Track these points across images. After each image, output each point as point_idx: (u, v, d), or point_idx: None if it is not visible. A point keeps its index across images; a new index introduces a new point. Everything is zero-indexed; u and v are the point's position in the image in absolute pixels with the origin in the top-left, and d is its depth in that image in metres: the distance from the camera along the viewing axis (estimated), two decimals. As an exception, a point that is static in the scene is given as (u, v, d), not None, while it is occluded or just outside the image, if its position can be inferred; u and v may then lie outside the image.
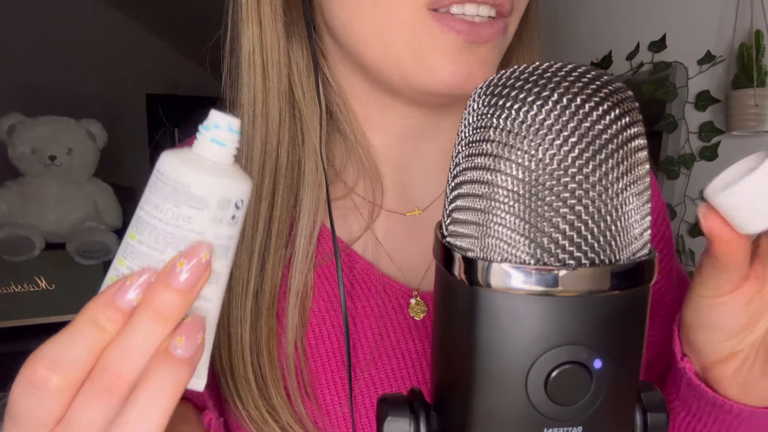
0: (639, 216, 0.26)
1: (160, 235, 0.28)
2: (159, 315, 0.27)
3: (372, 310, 0.48)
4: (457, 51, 0.41)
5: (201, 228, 0.28)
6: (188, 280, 0.27)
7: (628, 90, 0.26)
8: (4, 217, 1.69)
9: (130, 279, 0.28)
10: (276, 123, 0.47)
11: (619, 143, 0.24)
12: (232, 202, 0.29)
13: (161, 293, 0.27)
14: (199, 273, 0.27)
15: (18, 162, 1.72)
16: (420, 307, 0.49)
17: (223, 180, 0.28)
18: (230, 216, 0.29)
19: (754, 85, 1.41)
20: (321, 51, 0.50)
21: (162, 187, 0.28)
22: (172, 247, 0.28)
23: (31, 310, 1.65)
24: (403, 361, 0.48)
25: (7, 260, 1.62)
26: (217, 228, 0.28)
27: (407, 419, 0.28)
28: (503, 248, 0.24)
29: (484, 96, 0.26)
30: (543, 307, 0.24)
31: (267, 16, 0.46)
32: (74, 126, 1.80)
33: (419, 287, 0.50)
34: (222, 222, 0.29)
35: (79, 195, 1.78)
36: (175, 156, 0.28)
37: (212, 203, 0.28)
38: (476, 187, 0.25)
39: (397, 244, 0.51)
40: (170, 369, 0.27)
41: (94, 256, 1.67)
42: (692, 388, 0.41)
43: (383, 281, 0.49)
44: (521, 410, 0.25)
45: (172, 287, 0.27)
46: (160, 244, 0.28)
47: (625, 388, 0.26)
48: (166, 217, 0.28)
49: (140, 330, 0.27)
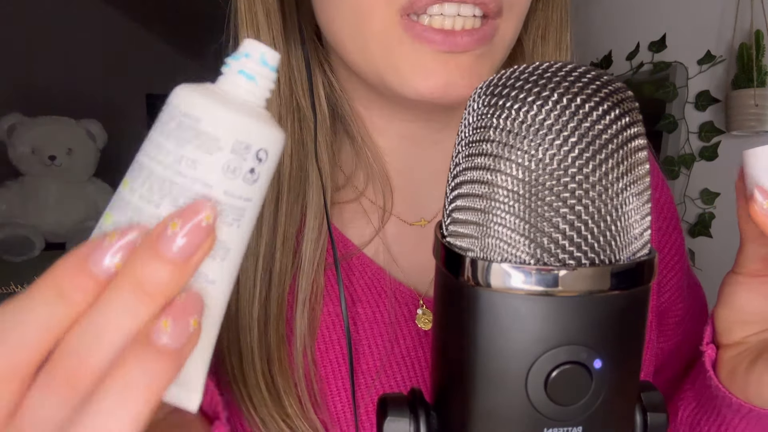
0: (639, 216, 0.26)
1: (156, 183, 0.22)
2: (142, 289, 0.21)
3: (382, 316, 0.47)
4: (431, 62, 0.39)
5: (208, 178, 0.22)
6: (182, 248, 0.21)
7: (628, 90, 0.26)
8: (4, 217, 1.69)
9: (110, 238, 0.21)
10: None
11: (619, 143, 0.24)
12: (252, 149, 0.22)
13: (147, 262, 0.21)
14: (197, 240, 0.21)
15: (18, 162, 1.72)
16: (427, 317, 0.48)
17: (243, 118, 0.22)
18: (248, 168, 0.23)
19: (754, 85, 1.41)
20: (323, 56, 0.49)
21: (167, 122, 0.22)
22: (170, 201, 0.22)
23: (31, 310, 1.65)
24: (413, 370, 0.47)
25: (7, 260, 1.62)
26: (230, 181, 0.22)
27: (407, 419, 0.28)
28: (503, 248, 0.24)
29: (484, 96, 0.26)
30: (543, 307, 0.24)
31: (263, 23, 0.45)
32: (74, 126, 1.80)
33: (426, 295, 0.49)
34: (236, 174, 0.22)
35: (79, 195, 1.78)
36: (192, 87, 0.23)
37: (226, 146, 0.22)
38: (476, 187, 0.25)
39: (405, 250, 0.51)
40: (148, 362, 0.20)
41: (94, 256, 1.67)
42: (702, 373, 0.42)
43: (394, 286, 0.48)
44: (521, 410, 0.25)
45: (162, 255, 0.21)
46: (155, 194, 0.22)
47: (625, 388, 0.26)
48: (166, 160, 0.22)
49: (116, 307, 0.21)
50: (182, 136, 0.22)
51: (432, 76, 0.40)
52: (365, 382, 0.46)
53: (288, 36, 0.47)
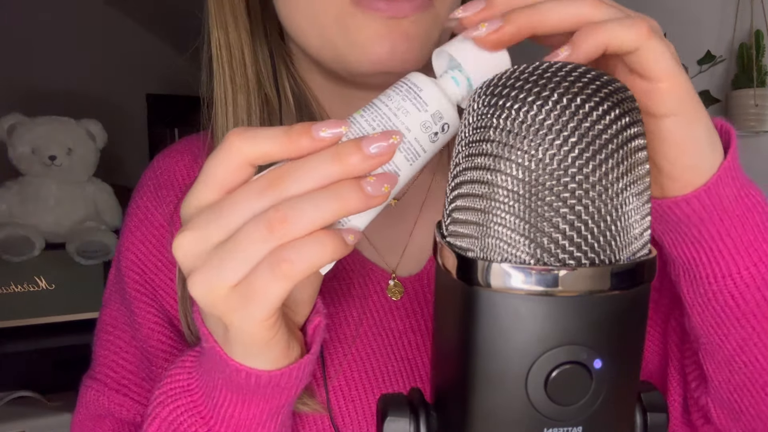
0: (639, 216, 0.26)
1: (378, 116, 0.33)
2: (339, 158, 0.30)
3: (355, 290, 0.51)
4: (381, 27, 0.43)
5: (411, 124, 0.33)
6: (375, 149, 0.30)
7: (628, 90, 0.26)
8: (4, 217, 1.69)
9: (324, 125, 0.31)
10: (245, 116, 0.50)
11: (619, 143, 0.24)
12: (443, 120, 0.34)
13: (348, 146, 0.30)
14: (384, 148, 0.30)
15: (18, 162, 1.72)
16: (398, 289, 0.52)
17: (445, 101, 0.34)
18: (435, 131, 0.34)
19: (754, 85, 1.41)
20: (285, 50, 0.54)
21: (400, 86, 0.34)
22: (382, 128, 0.33)
23: (31, 310, 1.65)
24: (386, 338, 0.51)
25: (7, 260, 1.62)
26: (422, 133, 0.33)
27: (407, 419, 0.28)
28: (503, 248, 0.24)
29: (484, 96, 0.26)
30: (543, 307, 0.24)
31: (231, 24, 0.50)
32: (74, 126, 1.79)
33: (396, 270, 0.53)
34: (427, 131, 0.33)
35: (79, 195, 1.78)
36: (422, 74, 0.34)
37: (431, 109, 0.33)
38: (476, 187, 0.25)
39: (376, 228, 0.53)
40: (353, 191, 0.30)
41: (94, 256, 1.67)
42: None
43: (366, 266, 0.52)
44: (521, 410, 0.25)
45: (359, 147, 0.30)
46: (375, 121, 0.33)
47: (625, 388, 0.26)
48: (391, 104, 0.33)
49: (318, 161, 0.30)
50: (407, 95, 0.34)
51: (382, 40, 0.43)
52: (342, 349, 0.49)
53: (254, 34, 0.52)
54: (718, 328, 0.40)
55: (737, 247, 0.38)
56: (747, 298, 0.38)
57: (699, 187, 0.35)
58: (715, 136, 0.36)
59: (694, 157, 0.35)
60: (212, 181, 0.32)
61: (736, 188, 0.37)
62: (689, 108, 0.34)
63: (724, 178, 0.36)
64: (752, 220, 0.38)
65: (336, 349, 0.49)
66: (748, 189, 0.38)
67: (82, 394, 0.53)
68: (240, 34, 0.50)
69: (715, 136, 0.36)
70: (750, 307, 0.38)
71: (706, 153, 0.35)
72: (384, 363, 0.50)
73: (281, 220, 0.30)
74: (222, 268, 0.30)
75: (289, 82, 0.53)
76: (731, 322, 0.39)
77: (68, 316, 1.64)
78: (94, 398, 0.52)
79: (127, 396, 0.52)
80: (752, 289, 0.38)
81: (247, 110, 0.50)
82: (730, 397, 0.43)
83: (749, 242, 0.38)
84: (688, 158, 0.35)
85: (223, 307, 0.31)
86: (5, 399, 1.48)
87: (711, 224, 0.37)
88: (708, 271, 0.38)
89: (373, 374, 0.49)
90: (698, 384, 0.46)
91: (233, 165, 0.32)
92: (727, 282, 0.38)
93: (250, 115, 0.50)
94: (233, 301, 0.31)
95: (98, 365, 0.53)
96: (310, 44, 0.47)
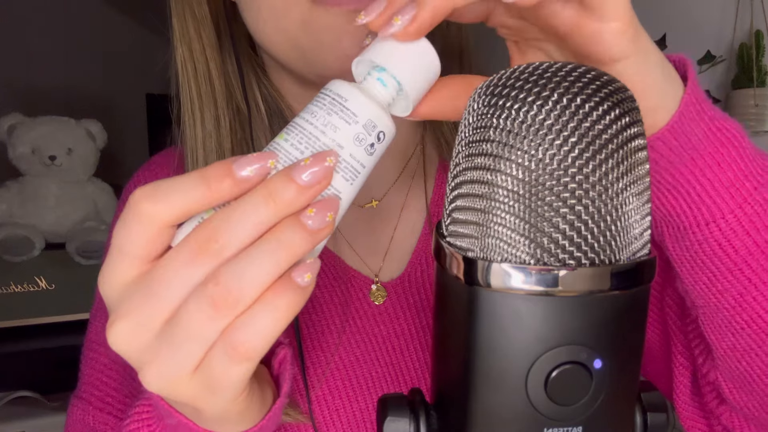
0: (639, 216, 0.26)
1: (305, 137, 0.30)
2: (271, 198, 0.27)
3: (337, 297, 0.51)
4: (345, 23, 0.42)
5: (343, 140, 0.30)
6: (308, 176, 0.27)
7: (628, 90, 0.26)
8: (4, 217, 1.69)
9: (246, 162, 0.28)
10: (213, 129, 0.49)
11: (619, 143, 0.24)
12: (377, 129, 0.31)
13: (280, 180, 0.27)
14: (318, 174, 0.28)
15: (18, 162, 1.72)
16: (380, 293, 0.52)
17: (375, 107, 0.31)
18: (370, 143, 0.31)
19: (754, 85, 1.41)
20: (257, 61, 0.54)
21: (323, 98, 0.31)
22: (311, 151, 0.30)
23: (31, 310, 1.65)
24: (369, 344, 0.50)
25: (7, 260, 1.62)
26: (356, 147, 0.30)
27: (407, 419, 0.28)
28: (503, 248, 0.24)
29: (484, 96, 0.26)
30: (543, 307, 0.24)
31: (194, 38, 0.49)
32: (74, 126, 1.79)
33: (378, 275, 0.53)
34: (362, 144, 0.30)
35: (79, 195, 1.78)
36: (343, 81, 0.32)
37: (361, 120, 0.30)
38: (476, 187, 0.25)
39: (358, 232, 0.54)
40: (296, 233, 0.27)
41: (94, 256, 1.67)
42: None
43: (348, 273, 0.52)
44: (521, 410, 0.25)
45: (292, 178, 0.27)
46: (302, 144, 0.30)
47: (625, 388, 0.26)
48: (317, 121, 0.30)
49: (249, 205, 0.27)
50: (332, 108, 0.30)
51: (349, 36, 0.42)
52: (324, 358, 0.49)
53: (222, 47, 0.51)
54: (712, 285, 0.36)
55: (716, 188, 0.34)
56: (736, 245, 0.35)
57: (661, 128, 0.32)
58: (672, 71, 0.33)
59: (654, 98, 0.32)
60: (130, 254, 0.28)
61: (704, 123, 0.34)
62: (642, 47, 0.31)
63: (687, 114, 0.33)
64: (728, 157, 0.34)
65: (319, 358, 0.49)
66: (721, 122, 0.35)
67: (70, 413, 0.53)
68: (204, 49, 0.50)
69: (673, 72, 0.33)
70: (741, 256, 0.35)
71: (667, 91, 0.32)
72: (368, 369, 0.49)
73: (224, 296, 0.26)
74: (175, 358, 0.27)
75: (261, 92, 0.53)
76: (724, 276, 0.36)
77: (68, 316, 1.64)
78: (80, 417, 0.52)
79: (110, 414, 0.51)
80: (740, 235, 0.34)
81: (215, 123, 0.49)
82: (738, 366, 0.39)
83: (729, 182, 0.34)
84: (648, 100, 0.31)
85: (188, 396, 0.29)
86: (5, 399, 1.48)
87: (683, 166, 0.34)
88: (691, 219, 0.35)
89: (357, 381, 0.49)
90: (705, 358, 0.43)
91: (149, 234, 0.27)
92: (711, 229, 0.35)
93: (219, 127, 0.50)
94: (196, 389, 0.28)
95: (83, 384, 0.53)
96: (278, 51, 0.47)
